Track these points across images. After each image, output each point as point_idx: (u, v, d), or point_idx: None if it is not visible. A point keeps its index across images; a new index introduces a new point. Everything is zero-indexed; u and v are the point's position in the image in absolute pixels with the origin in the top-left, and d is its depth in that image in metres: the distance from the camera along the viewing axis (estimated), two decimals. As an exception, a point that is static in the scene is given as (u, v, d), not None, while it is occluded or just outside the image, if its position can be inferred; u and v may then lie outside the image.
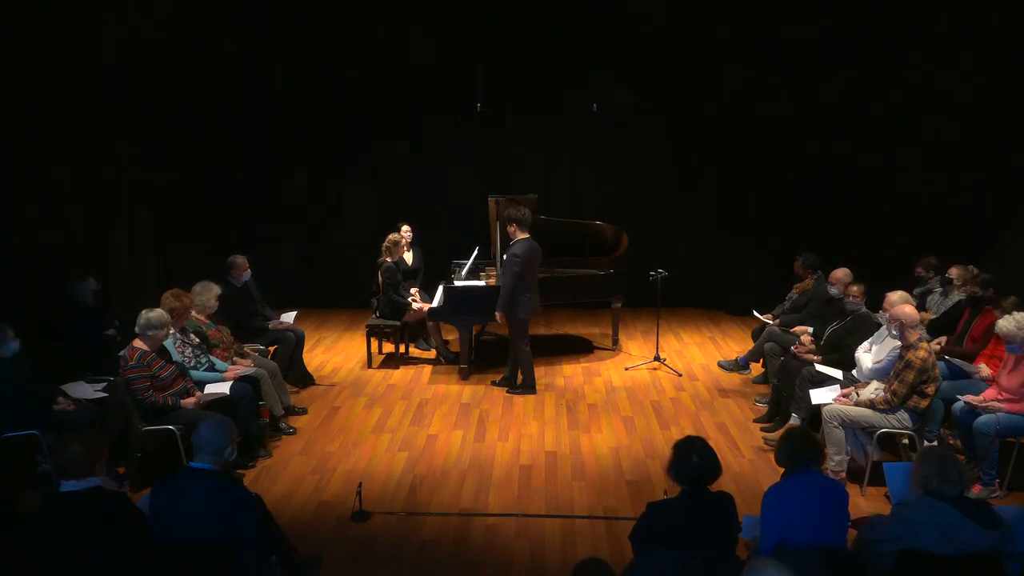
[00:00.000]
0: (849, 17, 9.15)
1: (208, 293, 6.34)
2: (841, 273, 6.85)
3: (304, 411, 6.92)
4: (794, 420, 6.05)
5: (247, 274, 7.40)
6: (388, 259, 7.99)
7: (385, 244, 8.05)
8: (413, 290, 8.33)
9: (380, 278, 8.13)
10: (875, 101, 9.18)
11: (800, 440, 3.68)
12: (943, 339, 6.50)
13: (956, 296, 6.90)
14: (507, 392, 7.38)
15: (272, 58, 9.96)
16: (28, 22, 6.60)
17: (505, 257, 7.14)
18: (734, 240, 10.02)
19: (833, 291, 6.88)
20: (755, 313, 7.90)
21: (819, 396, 5.68)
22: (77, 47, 7.14)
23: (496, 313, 7.16)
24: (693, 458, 3.48)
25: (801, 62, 9.44)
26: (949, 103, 8.52)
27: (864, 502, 5.22)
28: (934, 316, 6.92)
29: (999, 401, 5.28)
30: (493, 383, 7.59)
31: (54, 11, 6.86)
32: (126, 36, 7.87)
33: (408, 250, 8.56)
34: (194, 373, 5.81)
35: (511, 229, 7.06)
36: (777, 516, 3.51)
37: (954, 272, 6.98)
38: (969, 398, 5.41)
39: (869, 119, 9.27)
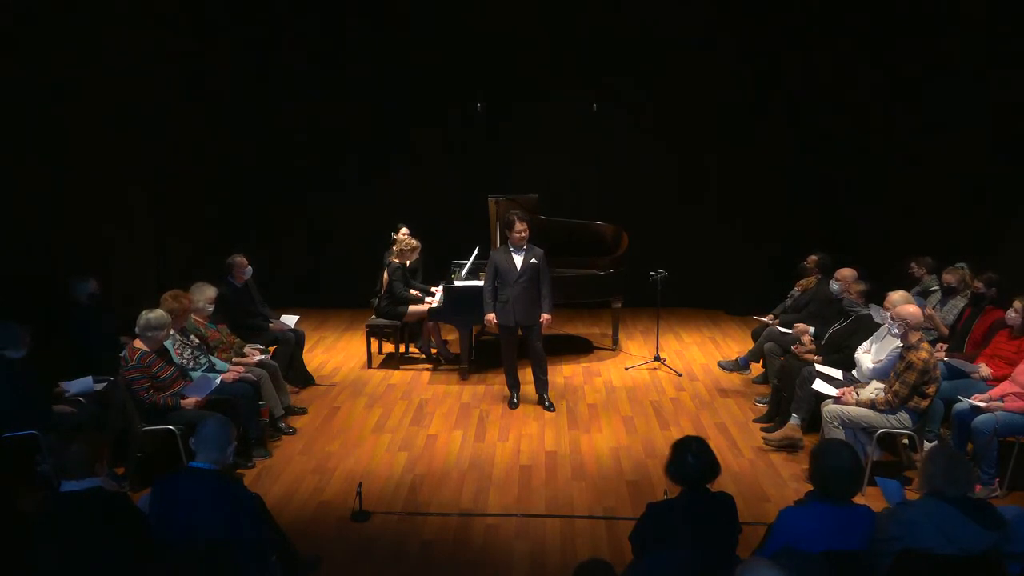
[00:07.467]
0: (850, 17, 9.15)
1: (203, 295, 6.33)
2: (848, 272, 6.72)
3: (304, 411, 6.92)
4: (794, 420, 6.05)
5: (247, 272, 7.39)
6: (397, 260, 7.98)
7: (399, 246, 7.97)
8: (434, 288, 8.27)
9: (385, 276, 8.11)
10: (876, 101, 9.18)
11: (847, 471, 3.39)
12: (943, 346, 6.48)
13: (961, 302, 6.74)
14: (546, 408, 6.98)
15: (271, 58, 9.96)
16: (29, 22, 6.60)
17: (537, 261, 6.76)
18: (734, 240, 10.02)
19: (835, 287, 6.76)
20: (755, 317, 7.87)
21: (821, 386, 5.74)
22: (79, 48, 7.14)
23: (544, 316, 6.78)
24: (689, 459, 3.47)
25: (802, 62, 9.44)
26: (949, 103, 8.51)
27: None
28: (944, 323, 6.80)
29: (1006, 398, 5.27)
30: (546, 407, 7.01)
31: (55, 12, 6.86)
32: (126, 37, 7.87)
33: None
34: (194, 374, 5.80)
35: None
36: (788, 539, 3.37)
37: (950, 278, 6.84)
38: (977, 398, 5.39)
39: (869, 120, 9.27)
